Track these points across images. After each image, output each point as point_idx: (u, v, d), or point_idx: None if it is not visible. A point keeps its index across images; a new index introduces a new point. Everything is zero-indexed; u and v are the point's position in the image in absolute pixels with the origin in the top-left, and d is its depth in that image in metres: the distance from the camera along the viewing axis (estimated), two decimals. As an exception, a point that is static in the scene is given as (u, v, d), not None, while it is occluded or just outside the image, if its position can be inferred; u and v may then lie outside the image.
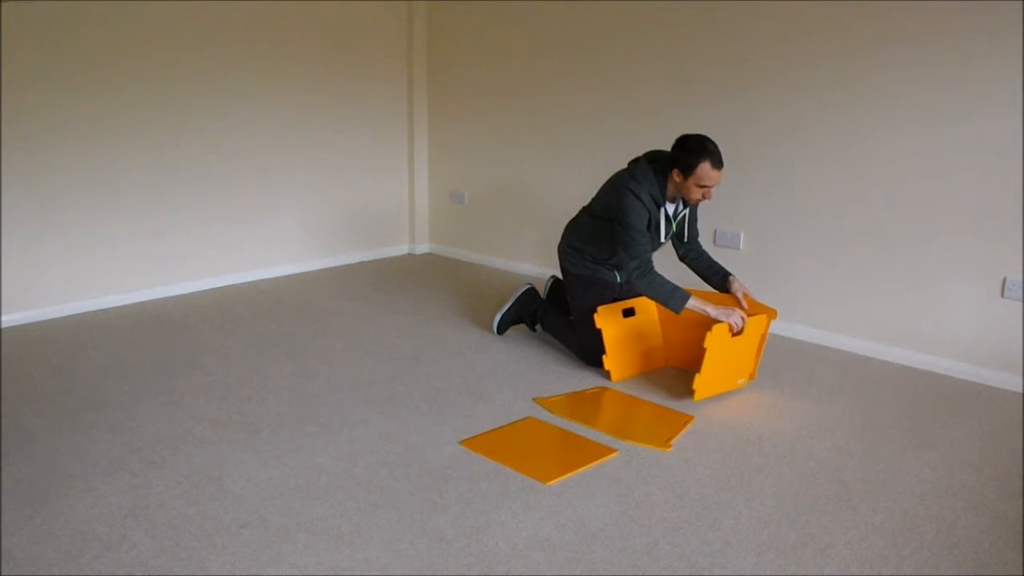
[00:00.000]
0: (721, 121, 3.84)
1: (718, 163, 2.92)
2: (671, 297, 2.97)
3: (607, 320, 3.14)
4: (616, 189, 3.09)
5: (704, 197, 2.99)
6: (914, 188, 3.31)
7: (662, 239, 3.14)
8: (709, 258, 3.29)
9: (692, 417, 2.82)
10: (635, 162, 3.15)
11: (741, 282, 3.22)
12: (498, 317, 3.69)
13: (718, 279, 3.21)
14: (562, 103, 4.53)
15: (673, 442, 2.62)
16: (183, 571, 1.91)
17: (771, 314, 3.00)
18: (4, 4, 3.49)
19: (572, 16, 4.38)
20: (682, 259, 3.32)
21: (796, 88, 3.58)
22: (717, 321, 2.89)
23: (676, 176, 2.97)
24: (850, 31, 3.37)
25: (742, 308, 3.06)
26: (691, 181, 2.94)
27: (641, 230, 3.04)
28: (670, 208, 3.13)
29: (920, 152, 3.28)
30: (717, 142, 3.85)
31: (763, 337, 3.06)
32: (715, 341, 2.82)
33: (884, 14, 3.27)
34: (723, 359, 2.90)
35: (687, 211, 3.18)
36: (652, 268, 3.04)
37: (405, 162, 5.34)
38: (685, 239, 3.28)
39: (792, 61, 3.57)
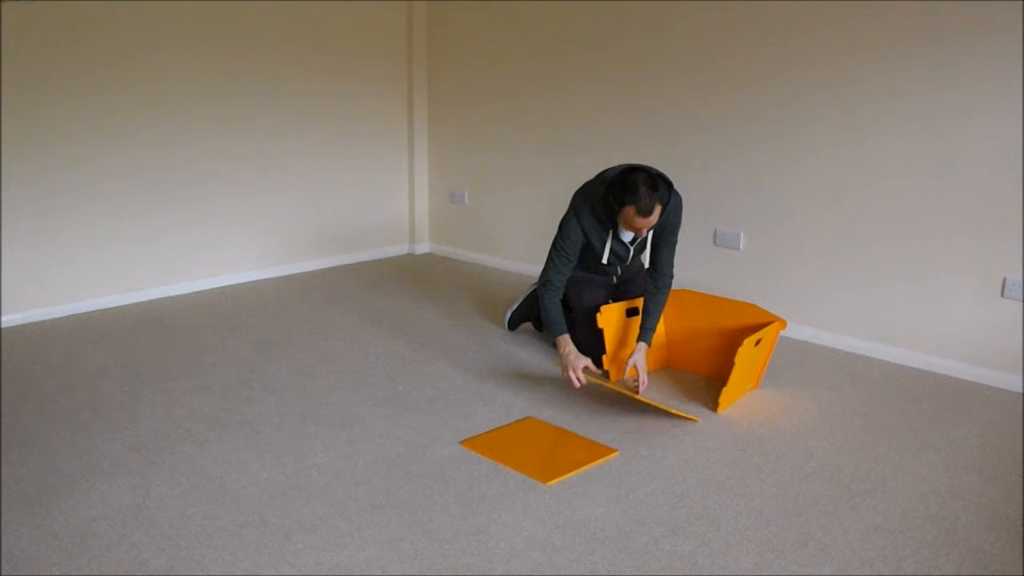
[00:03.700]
0: (721, 120, 3.84)
1: (644, 212, 2.78)
2: (550, 325, 3.07)
3: (609, 320, 3.14)
4: (571, 200, 3.11)
5: (637, 234, 2.96)
6: (914, 188, 3.31)
7: (603, 261, 3.11)
8: (653, 305, 3.07)
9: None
10: (602, 173, 3.07)
11: (642, 356, 2.98)
12: (508, 314, 3.72)
13: (639, 333, 3.07)
14: (562, 103, 4.53)
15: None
16: (183, 571, 1.91)
17: (780, 324, 3.01)
18: (4, 4, 3.49)
19: (572, 16, 4.38)
20: (644, 287, 3.14)
21: (796, 87, 3.58)
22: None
23: (613, 205, 2.90)
24: (850, 30, 3.37)
25: (762, 327, 3.00)
26: (620, 218, 2.89)
27: (563, 251, 3.06)
28: (628, 235, 3.07)
29: (920, 152, 3.28)
30: (718, 142, 3.88)
31: (771, 346, 3.07)
32: (743, 356, 2.80)
33: (885, 13, 3.27)
34: (743, 371, 2.90)
35: (649, 235, 3.07)
36: (553, 290, 3.07)
37: (405, 162, 5.34)
38: (654, 265, 3.11)
39: (792, 60, 3.57)
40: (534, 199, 4.81)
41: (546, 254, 4.71)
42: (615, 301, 3.25)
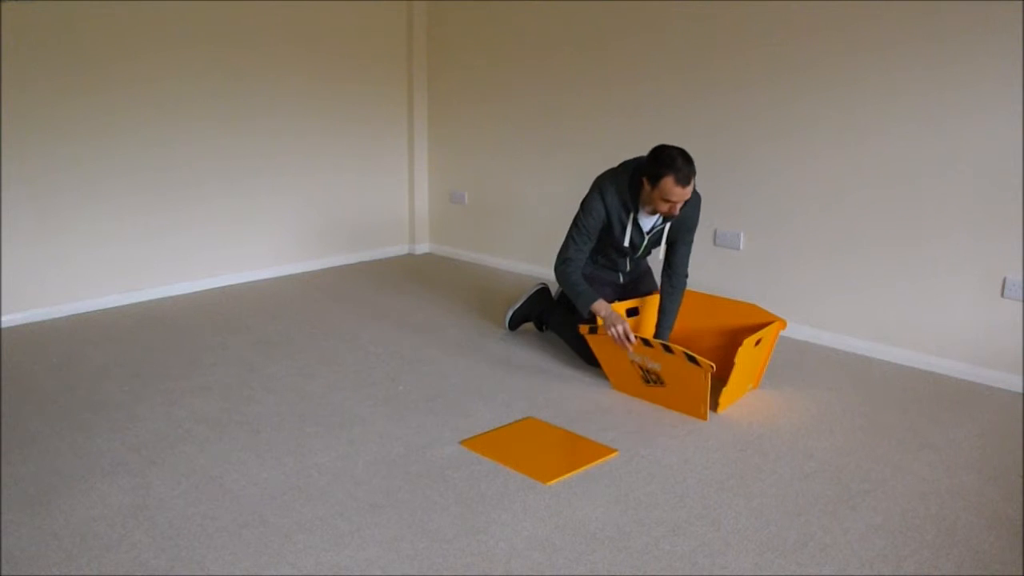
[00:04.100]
0: (722, 120, 3.84)
1: (682, 180, 2.82)
2: (579, 297, 3.07)
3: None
4: (593, 183, 3.13)
5: (671, 212, 2.93)
6: (914, 188, 3.31)
7: (625, 243, 3.12)
8: (669, 304, 3.14)
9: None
10: (625, 163, 3.13)
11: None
12: (509, 313, 3.72)
13: (656, 331, 3.15)
14: (562, 102, 4.53)
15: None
16: (183, 571, 1.91)
17: (780, 324, 3.01)
18: (4, 4, 3.49)
19: (572, 16, 4.38)
20: (659, 285, 3.19)
21: (796, 88, 3.58)
22: (603, 329, 2.96)
23: (646, 184, 2.94)
24: (851, 31, 3.37)
25: (759, 328, 3.01)
26: (656, 193, 2.90)
27: (585, 229, 3.08)
28: (647, 221, 3.09)
29: (920, 152, 3.28)
30: (718, 142, 3.88)
31: (771, 346, 3.07)
32: (743, 356, 2.79)
33: (885, 14, 3.27)
34: (743, 370, 2.90)
35: (666, 227, 3.10)
36: (574, 265, 3.11)
37: (405, 162, 5.34)
38: (669, 263, 3.15)
39: (792, 61, 3.57)
40: (534, 199, 4.81)
41: (546, 254, 4.74)
42: (621, 301, 3.25)
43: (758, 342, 2.89)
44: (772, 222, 3.77)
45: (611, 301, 3.23)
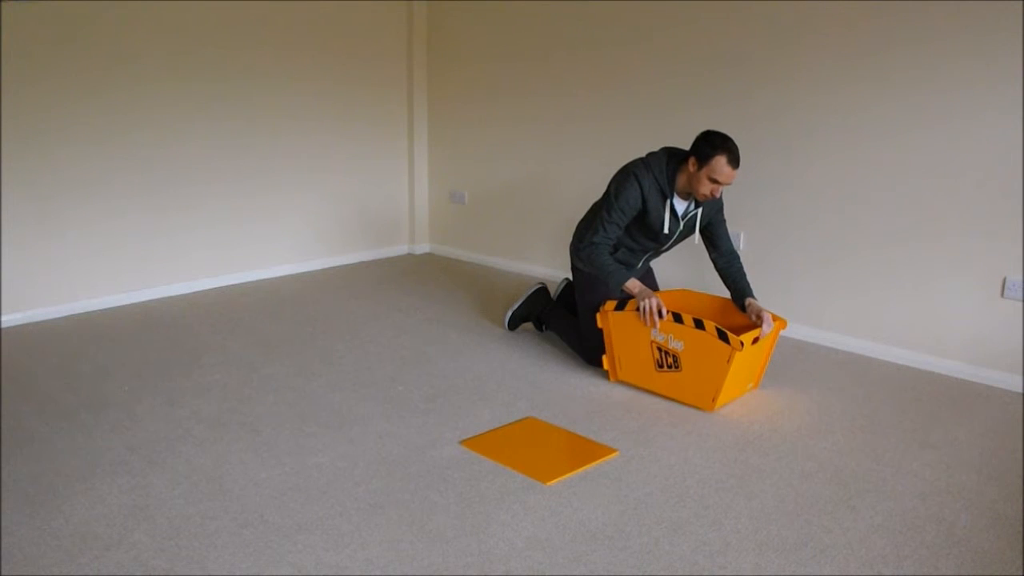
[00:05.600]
0: (723, 121, 3.84)
1: (734, 162, 2.89)
2: (611, 276, 3.04)
3: (608, 319, 3.13)
4: (621, 171, 3.12)
5: (712, 194, 2.96)
6: (914, 188, 3.31)
7: (665, 230, 3.12)
8: (736, 273, 3.18)
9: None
10: (652, 153, 3.14)
11: (757, 304, 3.05)
12: (508, 313, 3.72)
13: (737, 299, 3.14)
14: (562, 102, 4.53)
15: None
16: (183, 571, 1.91)
17: (781, 324, 3.01)
18: (4, 4, 3.49)
19: (573, 15, 4.38)
20: (716, 268, 3.25)
21: (797, 89, 3.58)
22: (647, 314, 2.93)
23: (691, 165, 2.95)
24: (851, 33, 3.37)
25: (757, 326, 2.98)
26: (704, 172, 2.92)
27: (619, 214, 3.06)
28: (680, 205, 3.10)
29: (920, 152, 3.28)
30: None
31: (771, 346, 3.07)
32: (737, 356, 2.79)
33: (884, 16, 3.27)
34: (740, 370, 2.90)
35: (698, 212, 3.13)
36: (602, 246, 3.08)
37: (405, 162, 5.34)
38: (715, 245, 3.21)
39: (793, 63, 3.57)
40: (534, 199, 4.81)
41: (546, 253, 4.74)
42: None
43: (756, 340, 2.89)
44: (772, 222, 3.77)
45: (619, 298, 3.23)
